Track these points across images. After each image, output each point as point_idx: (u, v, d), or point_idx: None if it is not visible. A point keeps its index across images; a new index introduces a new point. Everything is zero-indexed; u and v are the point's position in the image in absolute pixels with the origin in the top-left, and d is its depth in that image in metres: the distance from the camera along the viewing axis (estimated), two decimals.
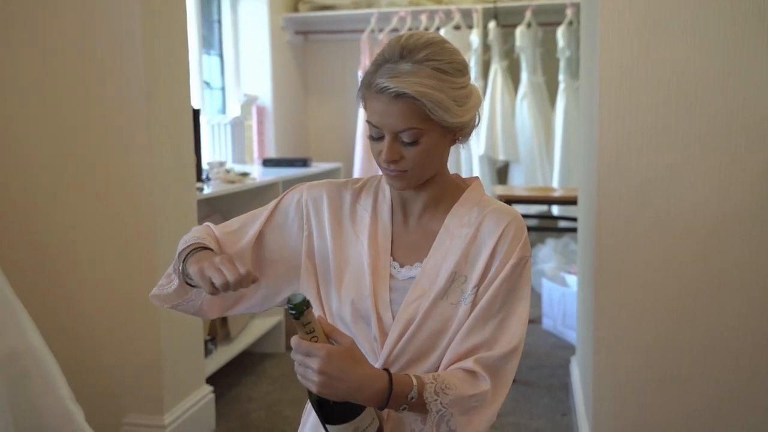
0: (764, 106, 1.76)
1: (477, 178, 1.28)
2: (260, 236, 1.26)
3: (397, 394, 1.05)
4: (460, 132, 1.18)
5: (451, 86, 1.11)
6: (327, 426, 1.02)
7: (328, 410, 1.02)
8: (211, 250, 1.19)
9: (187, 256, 1.16)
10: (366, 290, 1.19)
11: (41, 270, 2.39)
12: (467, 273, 1.17)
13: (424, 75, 1.08)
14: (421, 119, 1.10)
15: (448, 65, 1.11)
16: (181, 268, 1.17)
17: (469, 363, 1.12)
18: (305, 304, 0.97)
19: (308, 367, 0.99)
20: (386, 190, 1.27)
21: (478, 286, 1.16)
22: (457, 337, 1.14)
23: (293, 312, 0.97)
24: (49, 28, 2.29)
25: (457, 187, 1.26)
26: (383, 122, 1.11)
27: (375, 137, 1.15)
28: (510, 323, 1.15)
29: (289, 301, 0.97)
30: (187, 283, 1.19)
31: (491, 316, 1.14)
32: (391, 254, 1.22)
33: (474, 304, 1.15)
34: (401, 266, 1.21)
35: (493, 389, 1.12)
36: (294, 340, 1.01)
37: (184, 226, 2.44)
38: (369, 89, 1.12)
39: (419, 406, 1.07)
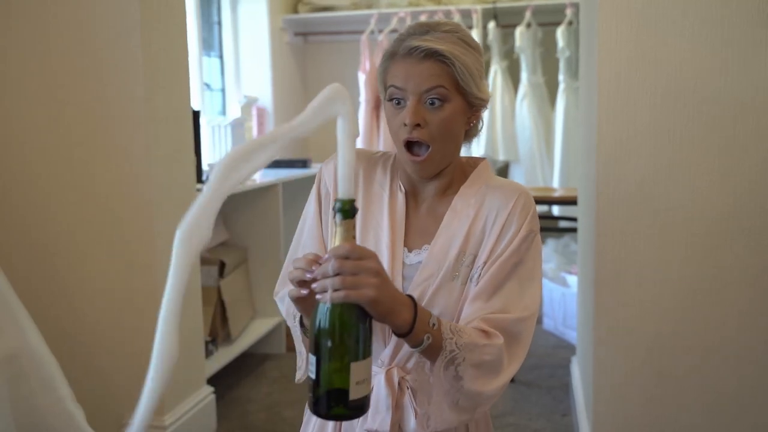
0: (761, 105, 1.76)
1: (484, 159, 1.25)
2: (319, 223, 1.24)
3: (421, 314, 1.01)
4: (474, 115, 1.17)
5: (475, 57, 1.13)
6: (351, 365, 0.90)
7: (362, 339, 0.91)
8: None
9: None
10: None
11: (40, 271, 2.40)
12: (474, 251, 1.14)
13: (452, 41, 1.11)
14: (448, 81, 1.10)
15: (471, 40, 1.14)
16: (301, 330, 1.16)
17: (476, 322, 1.08)
18: (354, 204, 0.89)
19: (363, 270, 0.90)
20: (399, 172, 1.24)
21: (486, 262, 1.13)
22: (463, 312, 1.12)
23: (344, 211, 0.88)
24: (49, 29, 2.29)
25: (464, 169, 1.23)
26: (408, 83, 1.10)
27: (396, 104, 1.12)
28: (522, 295, 1.12)
29: (337, 200, 0.88)
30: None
31: (498, 288, 1.11)
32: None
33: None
34: (409, 251, 1.19)
35: (507, 350, 1.08)
36: (345, 246, 0.89)
37: None
38: (393, 57, 1.13)
39: (437, 345, 1.03)
